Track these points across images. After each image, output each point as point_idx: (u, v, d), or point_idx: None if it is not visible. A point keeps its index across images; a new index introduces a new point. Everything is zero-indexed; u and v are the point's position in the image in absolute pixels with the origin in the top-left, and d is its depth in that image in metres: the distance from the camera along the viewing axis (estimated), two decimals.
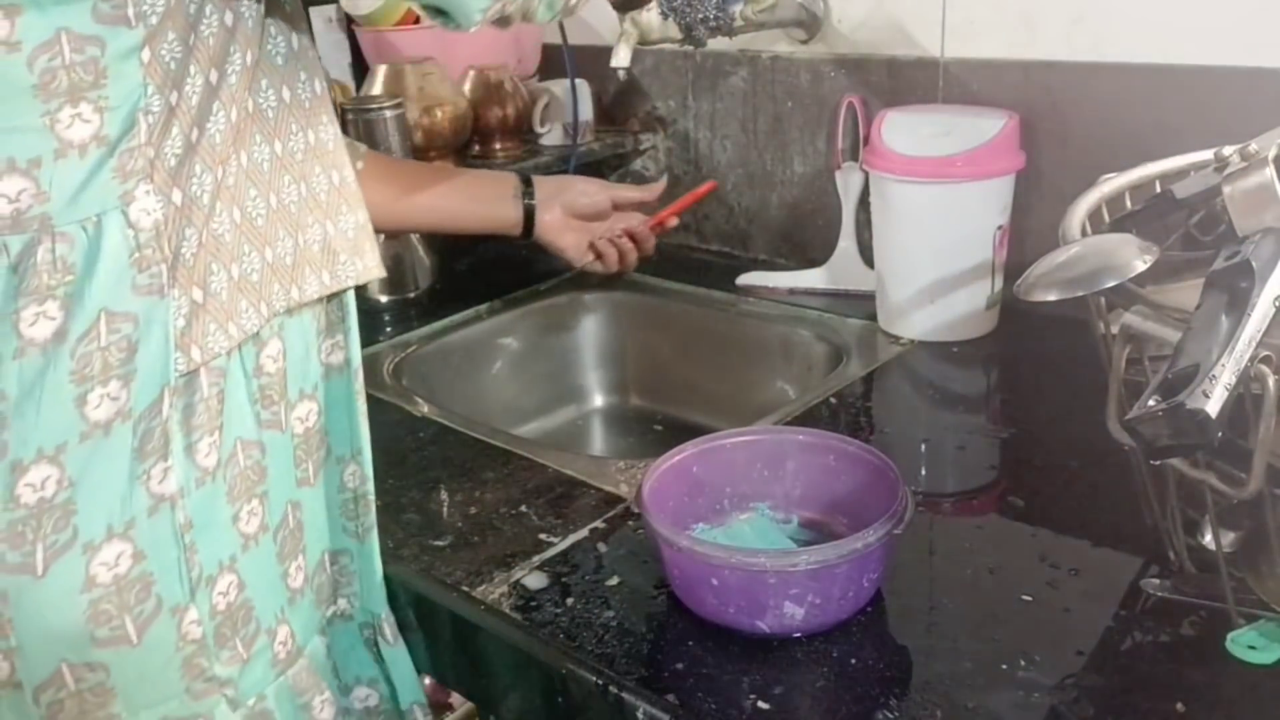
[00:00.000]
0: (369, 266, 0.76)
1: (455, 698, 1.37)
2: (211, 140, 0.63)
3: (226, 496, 0.66)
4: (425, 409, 1.07)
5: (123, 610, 0.61)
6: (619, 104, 1.57)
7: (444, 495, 0.90)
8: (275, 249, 0.68)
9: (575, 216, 1.05)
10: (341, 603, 0.80)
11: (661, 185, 1.11)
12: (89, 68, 0.57)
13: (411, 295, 1.38)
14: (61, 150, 0.57)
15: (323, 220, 0.71)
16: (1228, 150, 0.69)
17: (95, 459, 0.59)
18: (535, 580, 0.77)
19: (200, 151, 0.62)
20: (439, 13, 0.66)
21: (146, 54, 0.58)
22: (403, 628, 0.82)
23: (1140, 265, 0.62)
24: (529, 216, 1.02)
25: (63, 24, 0.56)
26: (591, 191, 1.05)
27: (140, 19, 0.58)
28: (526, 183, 1.03)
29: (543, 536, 0.83)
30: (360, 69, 1.55)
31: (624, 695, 0.66)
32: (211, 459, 0.64)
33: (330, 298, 0.74)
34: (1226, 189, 0.64)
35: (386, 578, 0.81)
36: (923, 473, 0.91)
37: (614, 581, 0.77)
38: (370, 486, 0.80)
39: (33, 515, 0.58)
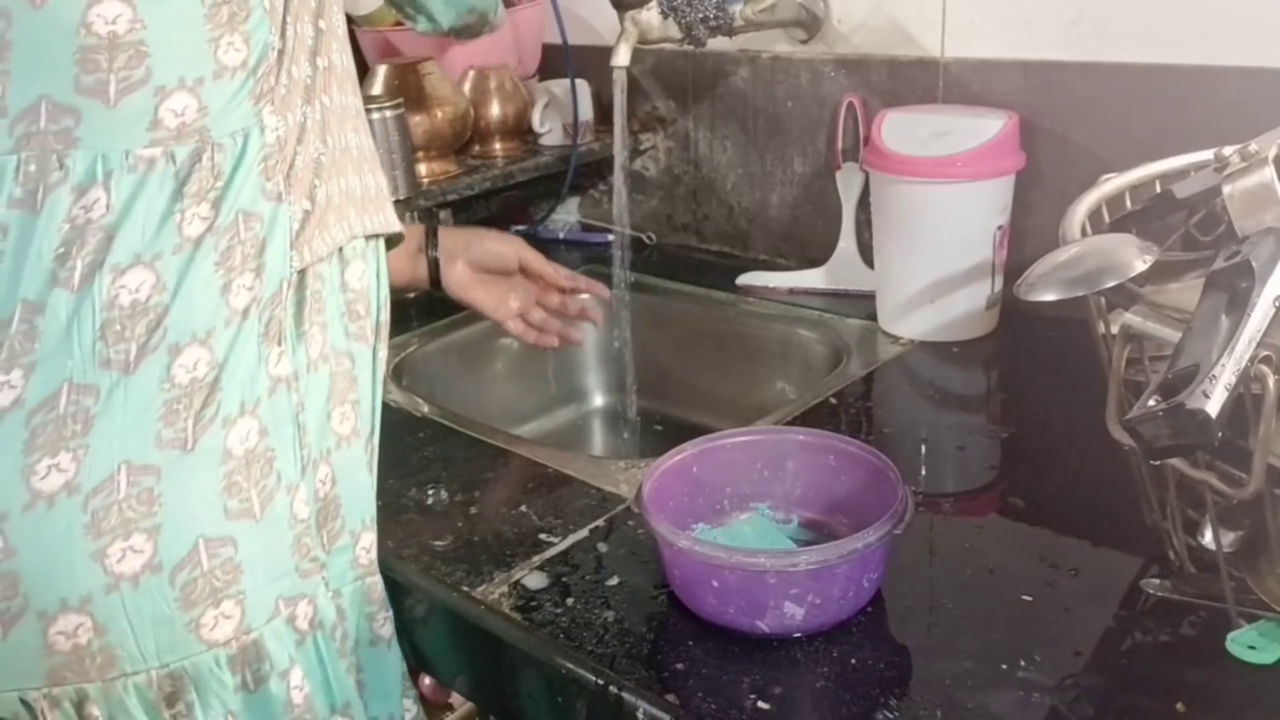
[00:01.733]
0: (393, 220, 0.82)
1: (455, 698, 1.37)
2: (308, 81, 0.73)
3: (325, 395, 0.73)
4: (425, 409, 1.07)
5: (250, 484, 0.66)
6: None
7: (444, 495, 0.90)
8: (348, 180, 0.76)
9: (482, 271, 1.05)
10: None
11: (572, 277, 1.10)
12: (241, 4, 0.68)
13: (411, 295, 1.38)
14: (219, 72, 0.67)
15: (373, 170, 0.80)
16: (1228, 150, 0.69)
17: (236, 342, 0.66)
18: (535, 580, 0.77)
19: (299, 88, 0.72)
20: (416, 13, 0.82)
21: (268, 3, 0.69)
22: (401, 628, 0.82)
23: (1140, 265, 0.62)
24: (434, 269, 1.03)
25: None
26: (498, 249, 1.05)
27: None
28: (432, 235, 1.04)
29: (543, 536, 0.83)
30: (360, 69, 1.55)
31: (624, 695, 0.66)
32: (316, 350, 0.72)
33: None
34: (1226, 189, 0.64)
35: (386, 577, 0.81)
36: (923, 473, 0.91)
37: (614, 581, 0.77)
38: (378, 419, 0.81)
39: (185, 394, 0.64)
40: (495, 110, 1.45)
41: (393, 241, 0.84)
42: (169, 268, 0.65)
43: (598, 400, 1.43)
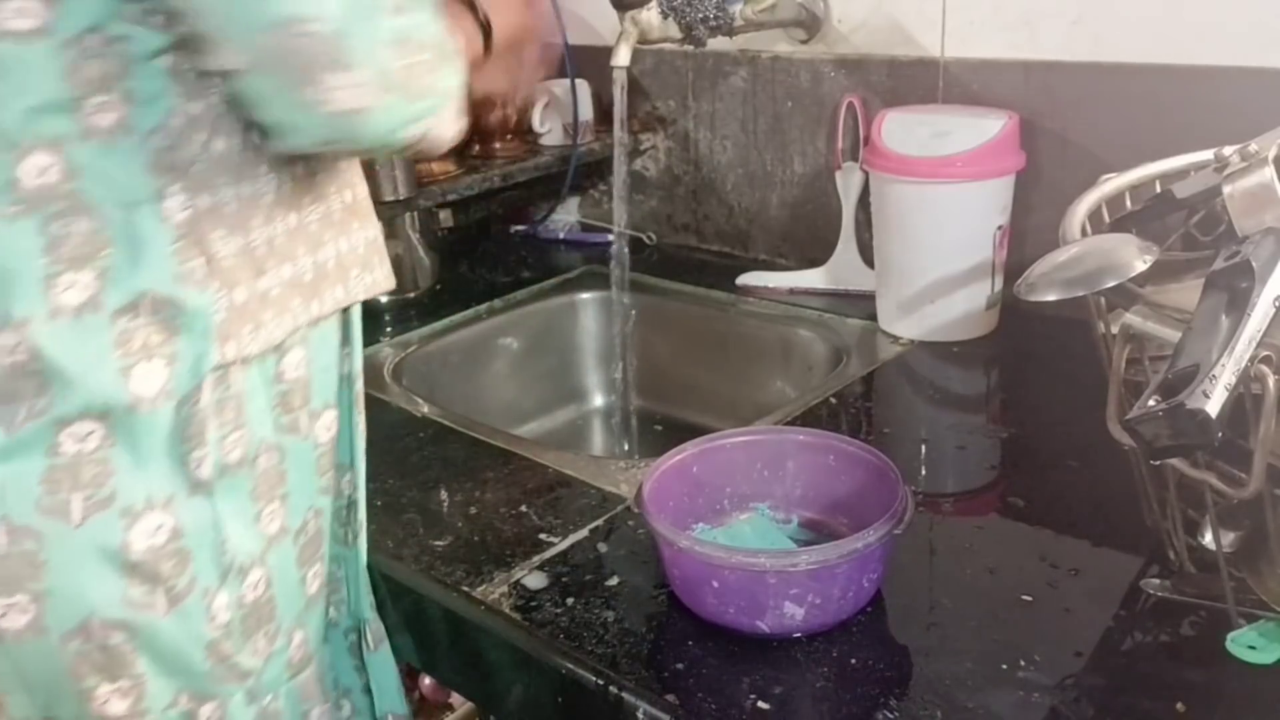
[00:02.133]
0: (378, 280, 0.78)
1: (455, 698, 1.37)
2: (231, 155, 0.65)
3: (250, 495, 0.69)
4: (425, 409, 1.07)
5: (156, 580, 0.64)
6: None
7: (444, 495, 0.90)
8: (297, 265, 0.70)
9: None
10: (331, 611, 0.80)
11: None
12: (118, 59, 0.59)
13: (411, 295, 1.38)
14: (87, 133, 0.60)
15: (336, 238, 0.74)
16: (1228, 150, 0.69)
17: (140, 431, 0.62)
18: (535, 580, 0.77)
19: (223, 164, 0.64)
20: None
21: (169, 60, 0.61)
22: (401, 628, 0.83)
23: (1140, 265, 0.62)
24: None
25: (95, 19, 0.59)
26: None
27: (167, 28, 0.60)
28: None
29: (543, 536, 0.83)
30: None
31: (624, 695, 0.66)
32: (237, 454, 0.67)
33: (344, 310, 0.76)
34: (1226, 189, 0.64)
35: (386, 577, 0.81)
36: (923, 473, 0.91)
37: (614, 581, 0.77)
38: (362, 494, 0.80)
39: (70, 466, 0.61)
40: (495, 110, 1.45)
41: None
42: (41, 333, 0.60)
43: (598, 400, 1.43)
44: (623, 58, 1.13)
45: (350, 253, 0.75)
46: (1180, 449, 0.55)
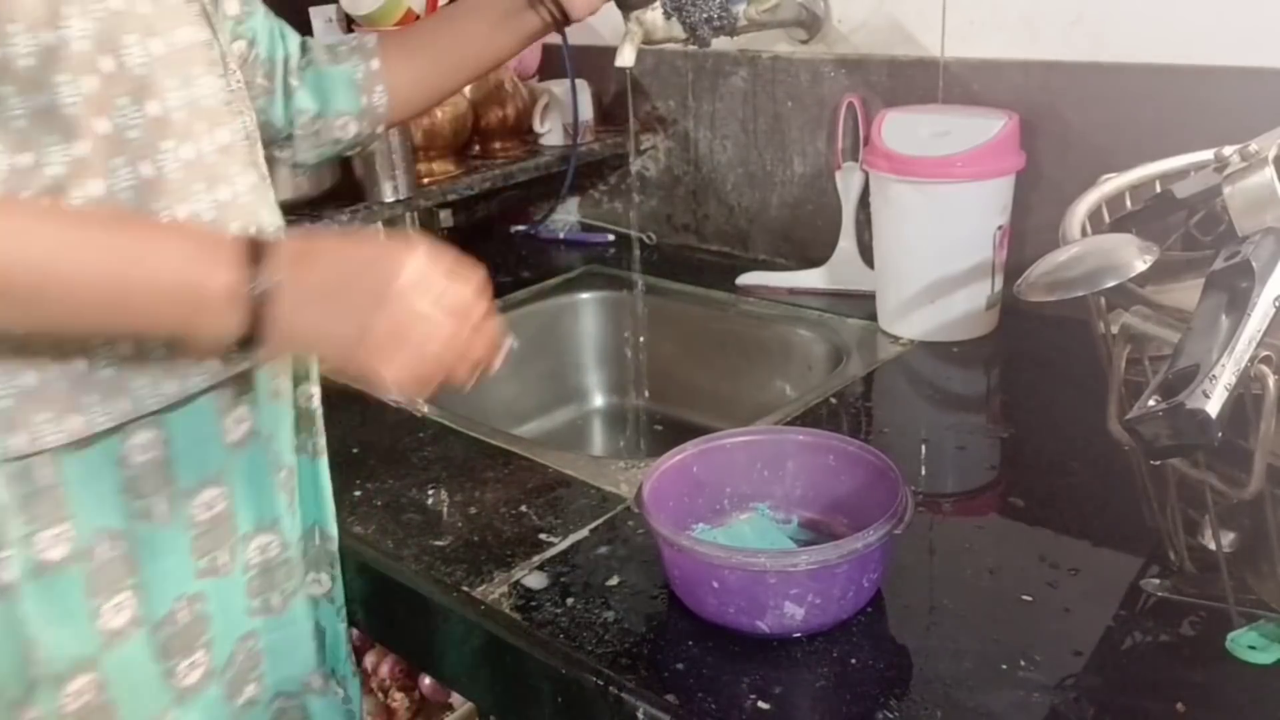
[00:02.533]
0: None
1: (455, 698, 1.37)
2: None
3: (84, 590, 0.62)
4: (425, 409, 1.07)
5: None
6: (619, 104, 1.57)
7: (444, 495, 0.90)
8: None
9: None
10: (250, 689, 0.74)
11: None
12: None
13: None
14: None
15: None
16: (1228, 150, 0.69)
17: None
18: (535, 580, 0.77)
19: None
20: None
21: None
22: (401, 628, 0.82)
23: (1140, 265, 0.62)
24: (558, 8, 0.90)
25: None
26: None
27: None
28: None
29: (543, 536, 0.83)
30: None
31: (624, 695, 0.66)
32: (58, 551, 0.61)
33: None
34: (1226, 189, 0.64)
35: (386, 577, 0.81)
36: (923, 473, 0.91)
37: (614, 581, 0.77)
38: (291, 553, 0.75)
39: None
40: (495, 110, 1.45)
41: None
42: None
43: (598, 400, 1.43)
44: (628, 58, 1.13)
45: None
46: (1180, 449, 0.55)
